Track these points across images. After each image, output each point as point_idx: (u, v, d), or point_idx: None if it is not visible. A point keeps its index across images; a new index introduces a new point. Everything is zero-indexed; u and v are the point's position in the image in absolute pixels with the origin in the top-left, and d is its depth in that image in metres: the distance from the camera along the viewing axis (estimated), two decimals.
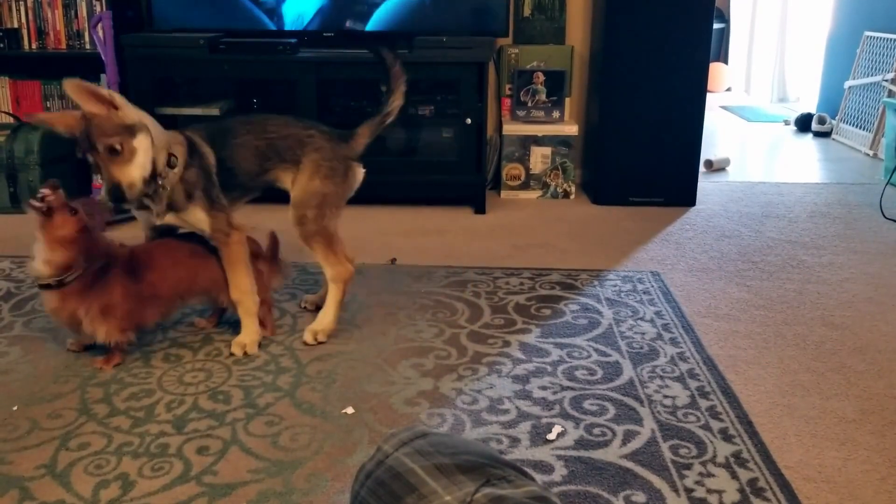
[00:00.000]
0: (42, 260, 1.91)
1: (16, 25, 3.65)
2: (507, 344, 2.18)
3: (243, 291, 2.13)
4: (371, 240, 3.10)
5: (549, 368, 2.04)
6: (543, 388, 1.94)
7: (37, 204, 1.88)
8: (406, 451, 0.76)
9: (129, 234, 3.15)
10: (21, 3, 3.64)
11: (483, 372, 2.02)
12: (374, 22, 3.53)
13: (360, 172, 2.28)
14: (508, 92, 3.76)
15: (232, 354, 2.11)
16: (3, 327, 2.26)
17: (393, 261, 2.84)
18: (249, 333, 2.14)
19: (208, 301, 2.23)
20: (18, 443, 1.68)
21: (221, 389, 1.92)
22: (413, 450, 0.76)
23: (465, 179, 3.49)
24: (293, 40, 3.40)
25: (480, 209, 3.49)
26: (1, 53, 3.62)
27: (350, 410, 1.83)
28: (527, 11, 3.78)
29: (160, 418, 1.78)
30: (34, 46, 3.67)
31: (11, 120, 3.70)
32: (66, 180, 3.58)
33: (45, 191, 1.90)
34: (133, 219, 3.30)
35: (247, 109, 3.71)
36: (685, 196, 3.62)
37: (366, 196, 3.57)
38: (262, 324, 2.19)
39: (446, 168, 3.54)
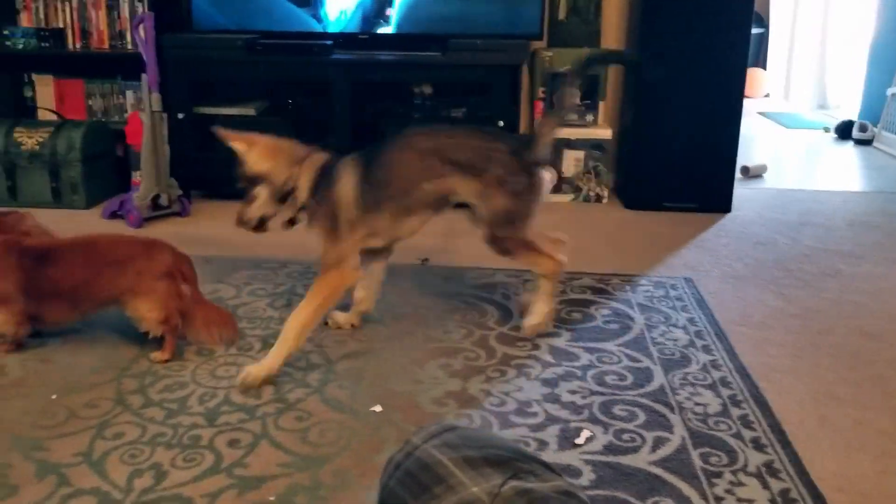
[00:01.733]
0: None
1: (61, 25, 3.73)
2: (536, 347, 2.17)
3: (288, 328, 1.99)
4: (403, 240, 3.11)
5: (579, 373, 2.03)
6: (573, 392, 1.93)
7: None
8: (435, 444, 0.77)
9: (164, 231, 3.20)
10: (66, 3, 3.72)
11: (512, 374, 2.02)
12: (410, 24, 3.55)
13: (546, 176, 2.21)
14: (542, 95, 3.76)
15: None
16: None
17: (424, 261, 2.85)
18: (262, 367, 1.95)
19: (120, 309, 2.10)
20: (56, 430, 1.72)
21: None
22: (442, 442, 0.77)
23: None
24: (328, 42, 3.43)
25: None
26: (46, 52, 3.70)
27: (378, 408, 1.84)
28: (562, 14, 3.77)
29: (193, 410, 1.81)
30: (78, 46, 3.74)
31: (55, 117, 3.79)
32: (106, 177, 3.68)
33: None
34: (169, 216, 3.37)
35: (282, 110, 3.75)
36: (720, 202, 3.58)
37: None
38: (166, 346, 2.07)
39: None
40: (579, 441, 1.71)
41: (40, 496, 1.50)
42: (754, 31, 6.05)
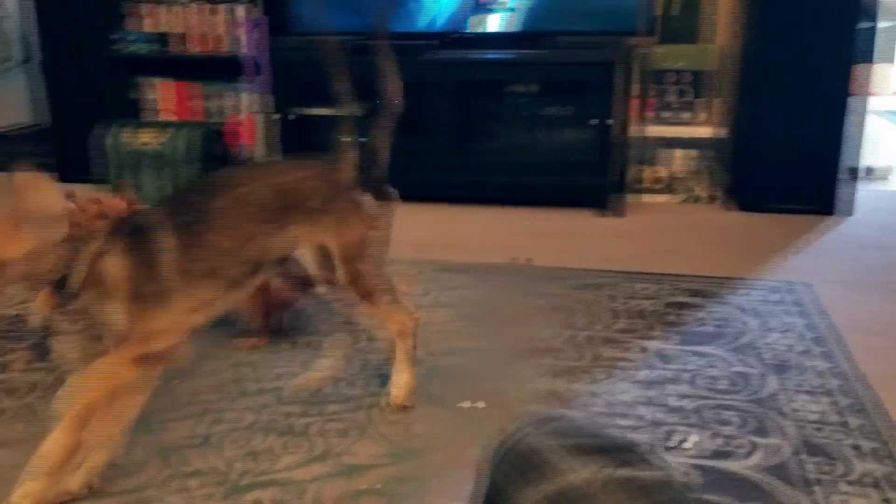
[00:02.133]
0: None
1: (180, 30, 3.92)
2: (636, 349, 2.13)
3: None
4: (495, 239, 3.12)
5: (682, 376, 1.98)
6: (674, 395, 1.89)
7: None
8: (539, 432, 0.78)
9: None
10: (184, 9, 3.91)
11: (610, 376, 1.99)
12: (514, 22, 3.55)
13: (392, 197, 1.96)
14: (650, 92, 3.68)
15: None
16: None
17: (527, 261, 2.84)
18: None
19: None
20: (176, 412, 1.82)
21: (357, 376, 1.99)
22: (545, 430, 0.78)
23: (596, 181, 3.44)
24: (432, 42, 3.46)
25: (612, 212, 3.43)
26: (165, 56, 3.90)
27: (480, 404, 1.85)
28: (671, 10, 3.69)
29: (301, 399, 1.88)
30: (195, 50, 3.92)
31: (173, 118, 3.98)
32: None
33: None
34: None
35: None
36: (841, 205, 3.41)
37: (490, 196, 3.61)
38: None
39: (576, 169, 3.50)
40: (687, 445, 1.68)
41: (161, 474, 1.59)
42: (881, 25, 5.71)
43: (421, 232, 3.22)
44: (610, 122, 3.36)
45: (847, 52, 3.26)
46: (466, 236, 2.80)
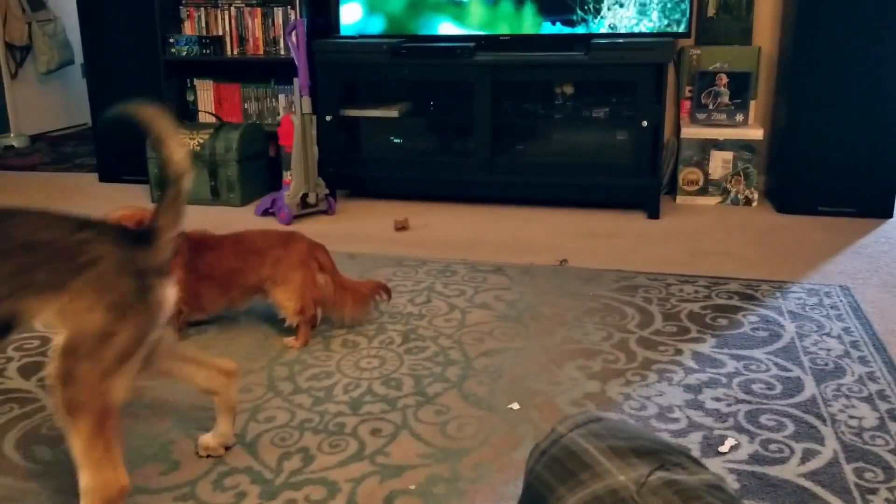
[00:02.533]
0: None
1: (220, 33, 3.97)
2: (678, 352, 2.12)
3: None
4: (540, 241, 3.11)
5: (724, 380, 1.96)
6: (717, 399, 1.87)
7: None
8: (581, 433, 0.77)
9: (311, 228, 3.34)
10: (226, 12, 3.96)
11: (653, 378, 1.98)
12: (552, 23, 3.53)
13: (170, 293, 1.42)
14: (688, 94, 3.65)
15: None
16: None
17: (563, 262, 2.83)
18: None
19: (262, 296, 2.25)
20: (213, 412, 1.83)
21: (394, 377, 2.00)
22: (588, 431, 0.77)
23: (639, 183, 3.42)
24: (471, 44, 3.47)
25: (654, 214, 3.40)
26: (207, 59, 3.96)
27: (516, 406, 1.85)
28: (711, 11, 3.65)
29: (338, 399, 1.89)
30: (235, 52, 3.97)
31: (214, 119, 4.04)
32: (259, 176, 3.89)
33: None
34: (316, 214, 3.52)
35: (424, 112, 3.84)
36: (881, 207, 3.35)
37: (535, 197, 3.61)
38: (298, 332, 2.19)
39: (619, 171, 3.48)
40: (723, 449, 1.66)
41: (199, 472, 1.61)
42: None
43: (462, 232, 3.23)
44: (659, 123, 3.33)
45: (890, 54, 3.19)
46: (508, 237, 2.80)
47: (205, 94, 4.14)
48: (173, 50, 3.92)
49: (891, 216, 3.34)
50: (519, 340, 2.21)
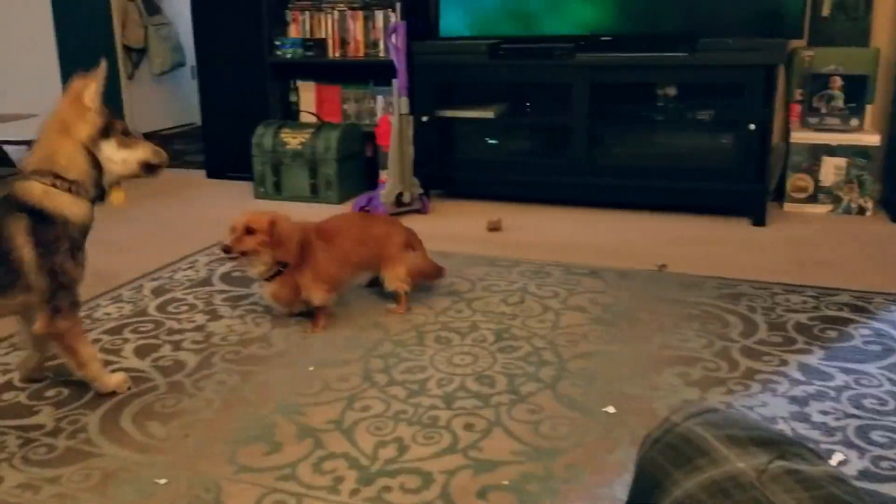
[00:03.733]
0: (257, 269, 2.31)
1: (323, 36, 4.07)
2: (784, 363, 2.03)
3: None
4: (639, 245, 3.05)
5: (833, 393, 1.87)
6: (824, 412, 1.79)
7: (233, 254, 2.27)
8: (697, 422, 0.75)
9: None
10: (329, 15, 4.05)
11: (756, 389, 1.90)
12: (656, 23, 3.47)
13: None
14: (799, 97, 3.51)
15: None
16: None
17: (662, 267, 2.76)
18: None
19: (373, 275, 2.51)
20: (313, 398, 1.88)
21: (487, 374, 2.00)
22: (704, 421, 0.75)
23: (744, 189, 3.31)
24: (570, 45, 3.44)
25: (760, 221, 3.28)
26: (310, 60, 4.06)
27: (611, 409, 1.81)
28: (825, 11, 3.50)
29: (431, 393, 1.90)
30: (337, 54, 4.06)
31: (315, 120, 4.14)
32: (356, 175, 3.96)
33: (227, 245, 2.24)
34: (411, 213, 3.55)
35: (520, 113, 3.82)
36: None
37: (633, 201, 3.54)
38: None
39: (723, 176, 3.37)
40: (832, 463, 1.58)
41: (299, 455, 1.65)
42: None
43: (556, 235, 3.20)
44: (767, 127, 3.22)
45: None
46: (604, 241, 2.75)
47: (307, 95, 4.25)
48: (278, 52, 4.04)
49: None
50: (614, 344, 2.17)
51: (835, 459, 1.59)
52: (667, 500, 0.67)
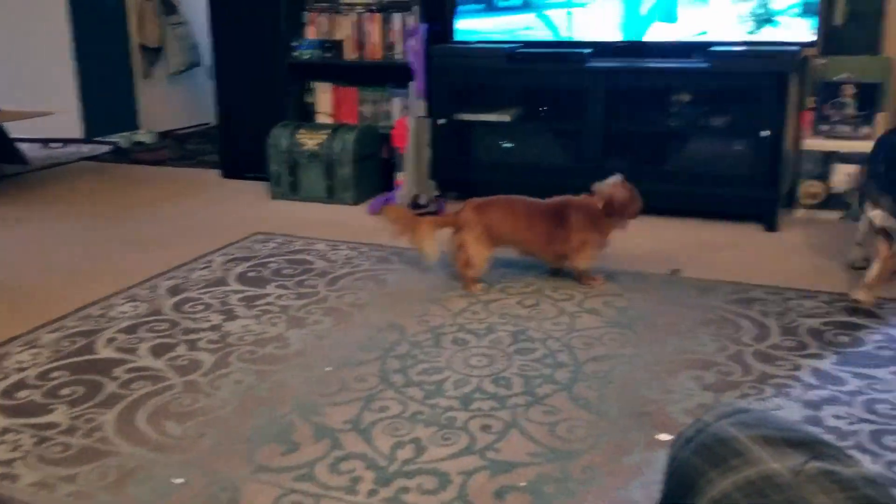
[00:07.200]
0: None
1: (341, 38, 4.10)
2: (797, 367, 2.05)
3: None
4: (652, 250, 3.06)
5: (846, 398, 1.89)
6: (838, 416, 1.80)
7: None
8: (730, 422, 0.77)
9: None
10: (347, 18, 4.08)
11: (770, 393, 1.92)
12: (669, 31, 3.48)
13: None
14: (811, 105, 3.52)
15: None
16: (319, 300, 2.56)
17: (675, 272, 2.78)
18: None
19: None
20: (330, 398, 1.91)
21: (503, 376, 2.02)
22: (737, 421, 0.77)
23: (757, 195, 3.32)
24: (586, 51, 3.46)
25: (772, 227, 3.29)
26: (327, 62, 4.09)
27: (664, 437, 1.76)
28: (838, 19, 3.50)
29: (448, 394, 1.93)
30: (354, 56, 4.09)
31: (332, 121, 4.17)
32: (372, 176, 3.99)
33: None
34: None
35: (536, 117, 3.84)
36: None
37: (647, 205, 3.54)
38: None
39: (736, 182, 3.39)
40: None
41: (317, 454, 1.68)
42: None
43: None
44: (780, 134, 3.23)
45: None
46: (618, 245, 2.76)
47: (323, 97, 4.28)
48: (296, 53, 4.08)
49: None
50: (629, 347, 2.19)
51: None
52: (703, 500, 0.69)
